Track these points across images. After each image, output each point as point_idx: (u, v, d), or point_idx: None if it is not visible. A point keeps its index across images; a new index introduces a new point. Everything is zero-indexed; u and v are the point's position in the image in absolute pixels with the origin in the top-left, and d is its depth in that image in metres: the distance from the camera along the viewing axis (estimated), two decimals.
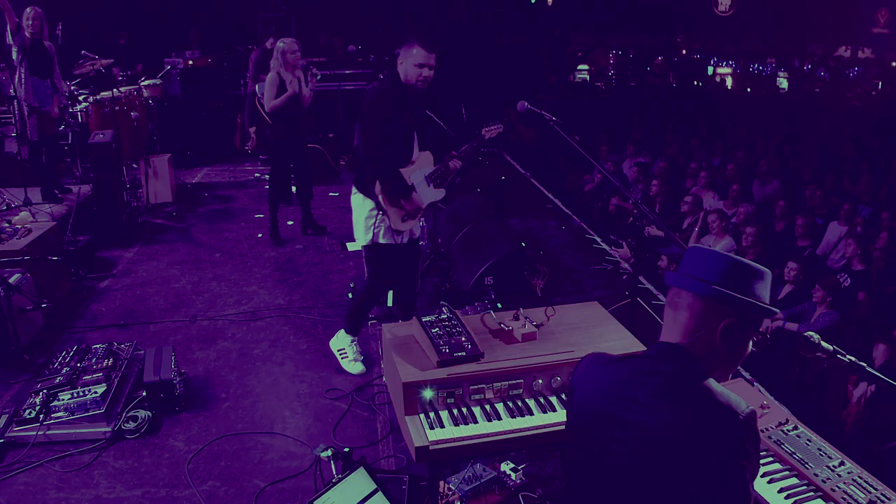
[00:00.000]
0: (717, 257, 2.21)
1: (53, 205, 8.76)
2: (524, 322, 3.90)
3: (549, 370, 3.65)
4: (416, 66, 5.06)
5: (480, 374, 3.59)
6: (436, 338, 3.66)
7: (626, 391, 2.18)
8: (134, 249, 8.59)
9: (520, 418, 3.55)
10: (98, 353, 5.62)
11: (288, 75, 8.32)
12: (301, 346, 6.17)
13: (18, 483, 4.60)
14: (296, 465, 4.72)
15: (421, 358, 3.65)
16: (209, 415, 5.25)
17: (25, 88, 8.54)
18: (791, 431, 3.30)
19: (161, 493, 4.46)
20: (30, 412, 5.03)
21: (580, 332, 3.93)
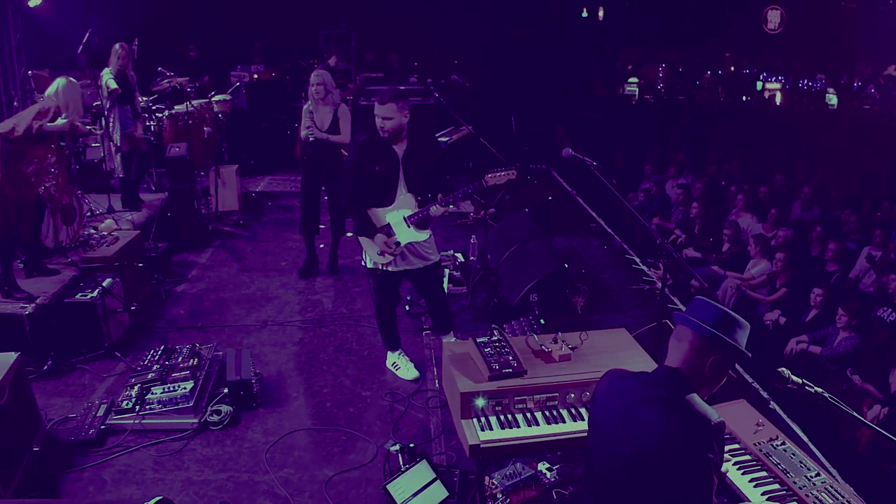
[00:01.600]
0: (715, 308, 2.92)
1: (134, 213, 9.51)
2: (561, 345, 4.58)
3: (581, 386, 4.35)
4: (375, 117, 5.73)
5: (523, 387, 4.30)
6: (488, 356, 4.36)
7: (634, 397, 2.90)
8: (206, 255, 9.32)
9: (555, 425, 4.25)
10: (183, 353, 6.33)
11: (322, 108, 8.04)
12: (363, 353, 6.82)
13: (119, 464, 5.31)
14: (359, 458, 5.36)
15: (475, 372, 4.35)
16: (282, 411, 5.92)
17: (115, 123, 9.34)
18: (779, 446, 3.91)
19: (243, 478, 5.13)
20: (126, 403, 5.74)
21: (608, 355, 4.59)
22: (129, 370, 6.49)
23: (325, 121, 7.99)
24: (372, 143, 5.82)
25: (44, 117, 6.86)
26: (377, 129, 5.73)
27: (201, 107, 11.29)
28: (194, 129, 10.95)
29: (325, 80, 7.96)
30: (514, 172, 5.80)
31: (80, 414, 5.85)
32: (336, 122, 8.01)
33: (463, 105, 13.53)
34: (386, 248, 5.86)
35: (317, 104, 8.00)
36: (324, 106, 8.00)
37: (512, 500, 4.73)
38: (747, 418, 4.17)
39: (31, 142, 6.84)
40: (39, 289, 7.01)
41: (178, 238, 9.45)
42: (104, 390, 6.29)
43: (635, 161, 14.16)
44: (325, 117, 8.00)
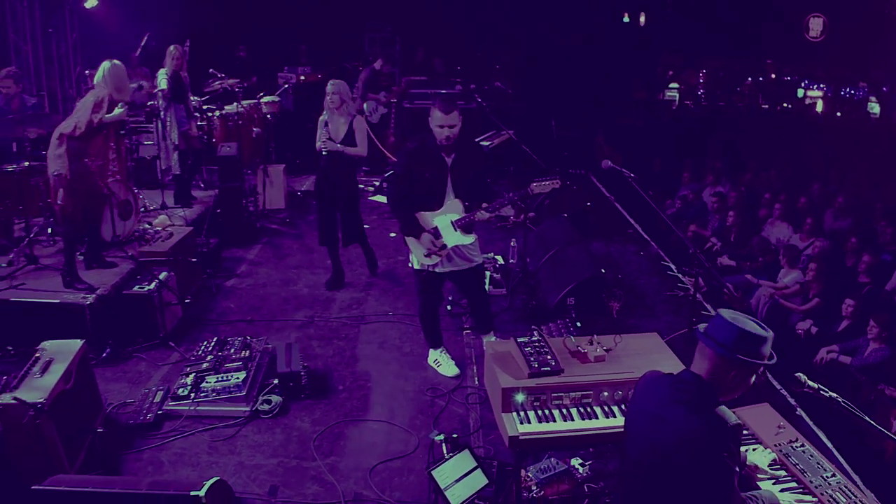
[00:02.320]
0: (733, 328, 3.11)
1: (186, 209, 9.89)
2: (596, 346, 4.87)
3: (614, 386, 4.65)
4: (437, 126, 5.93)
5: (560, 385, 4.60)
6: (528, 355, 4.66)
7: (662, 398, 3.16)
8: (254, 252, 9.67)
9: (588, 420, 4.54)
10: (236, 345, 6.67)
11: (336, 118, 7.95)
12: (405, 349, 7.11)
13: (175, 447, 5.64)
14: (401, 449, 5.65)
15: (515, 369, 4.65)
16: (329, 402, 6.23)
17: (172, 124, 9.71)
18: (798, 448, 4.15)
19: (293, 464, 5.44)
20: (182, 390, 6.08)
21: (640, 358, 4.87)
22: (182, 359, 6.85)
23: (339, 132, 7.93)
24: (422, 150, 6.07)
25: (100, 109, 7.10)
26: (436, 136, 5.94)
27: (250, 107, 11.63)
28: (244, 129, 11.30)
29: (341, 89, 7.88)
30: (557, 182, 6.12)
31: (137, 399, 6.20)
32: (351, 134, 7.92)
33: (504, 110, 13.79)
34: (433, 249, 6.13)
35: (331, 114, 7.94)
36: (339, 116, 7.92)
37: (546, 492, 4.98)
38: (769, 421, 4.41)
39: (93, 136, 7.17)
40: (99, 280, 7.38)
41: (227, 234, 9.81)
42: (160, 378, 6.64)
43: (674, 167, 14.31)
44: (339, 128, 7.93)
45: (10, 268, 7.63)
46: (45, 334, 6.71)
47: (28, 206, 8.13)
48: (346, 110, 7.92)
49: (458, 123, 5.90)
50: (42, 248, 8.19)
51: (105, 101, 7.16)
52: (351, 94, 8.12)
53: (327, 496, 5.15)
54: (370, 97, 13.13)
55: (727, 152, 15.43)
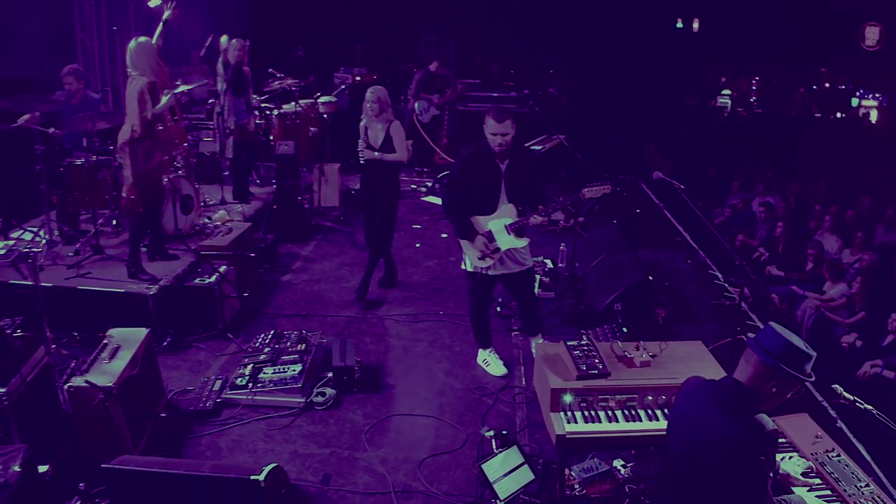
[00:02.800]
0: (782, 339, 3.27)
1: (244, 205, 10.18)
2: (642, 352, 5.07)
3: (657, 390, 4.86)
4: (490, 134, 6.11)
5: (607, 387, 4.82)
6: (576, 358, 4.87)
7: (703, 401, 3.31)
8: (309, 248, 9.93)
9: (632, 423, 4.76)
10: (292, 339, 6.90)
11: (375, 124, 7.95)
12: (455, 349, 7.30)
13: (233, 434, 5.90)
14: (449, 444, 5.85)
15: (564, 371, 4.86)
16: (381, 397, 6.45)
17: (228, 109, 9.97)
18: (834, 457, 4.28)
19: (345, 454, 5.67)
20: (240, 380, 6.33)
21: (683, 365, 5.05)
22: (240, 350, 7.12)
23: (377, 138, 7.94)
24: (476, 156, 6.26)
25: (145, 101, 7.17)
26: (490, 143, 6.12)
27: (307, 107, 11.89)
28: (301, 128, 11.56)
29: (380, 96, 7.87)
30: (608, 187, 6.28)
31: (197, 387, 6.48)
32: (389, 140, 7.91)
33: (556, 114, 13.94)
34: (486, 252, 6.31)
35: (370, 120, 7.95)
36: (377, 122, 7.92)
37: (588, 491, 5.16)
38: (807, 430, 4.54)
39: (153, 131, 7.36)
40: (161, 272, 7.68)
41: (283, 231, 10.08)
42: (218, 367, 6.91)
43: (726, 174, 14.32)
44: (377, 134, 7.93)
45: (76, 257, 7.96)
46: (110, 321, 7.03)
47: (95, 199, 8.43)
48: (385, 117, 7.92)
49: (511, 132, 6.08)
50: (107, 238, 8.50)
51: (146, 90, 7.20)
52: (390, 101, 8.08)
53: (378, 486, 5.36)
54: (422, 96, 13.31)
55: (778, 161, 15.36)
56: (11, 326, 5.36)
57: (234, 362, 6.90)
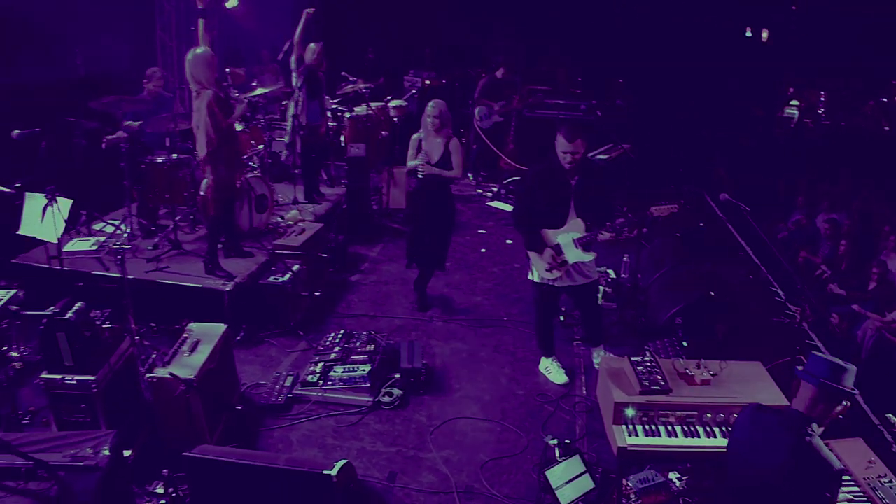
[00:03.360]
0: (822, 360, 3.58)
1: (314, 205, 10.46)
2: (703, 370, 5.25)
3: (716, 409, 5.04)
4: (561, 152, 6.28)
5: (667, 403, 5.02)
6: (640, 374, 5.07)
7: (769, 433, 3.51)
8: (377, 249, 10.17)
9: (691, 438, 4.96)
10: (361, 339, 7.15)
11: (433, 139, 7.75)
12: (518, 355, 7.46)
13: (303, 429, 6.16)
14: (511, 448, 6.02)
15: (627, 386, 5.07)
16: (445, 399, 6.65)
17: (303, 109, 10.25)
18: (886, 483, 4.41)
19: (410, 453, 5.89)
20: (311, 377, 6.59)
21: (742, 385, 5.23)
22: (310, 348, 7.38)
23: (435, 153, 7.76)
24: (547, 171, 6.44)
25: (214, 113, 7.35)
26: (560, 159, 6.29)
27: (378, 109, 12.14)
28: (372, 131, 11.82)
29: (442, 110, 7.71)
30: (676, 207, 6.44)
31: (269, 382, 6.75)
32: (448, 155, 7.75)
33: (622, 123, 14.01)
34: (554, 265, 6.48)
35: (429, 135, 7.77)
36: (437, 137, 7.75)
37: (643, 501, 5.29)
38: (861, 455, 4.66)
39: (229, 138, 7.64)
40: (237, 269, 7.99)
41: (352, 231, 10.34)
42: (289, 363, 7.19)
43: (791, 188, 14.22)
44: (435, 149, 7.75)
45: (155, 251, 8.29)
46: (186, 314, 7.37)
47: (174, 195, 8.78)
48: (445, 131, 7.77)
49: (581, 151, 6.26)
50: (184, 234, 8.84)
51: (213, 102, 7.35)
52: (451, 116, 7.89)
53: (441, 486, 5.57)
54: (483, 102, 13.38)
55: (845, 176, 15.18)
56: (101, 318, 5.65)
57: (304, 359, 7.18)
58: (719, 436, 4.89)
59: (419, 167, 7.75)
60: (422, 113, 7.88)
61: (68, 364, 5.40)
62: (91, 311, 5.61)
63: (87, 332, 5.43)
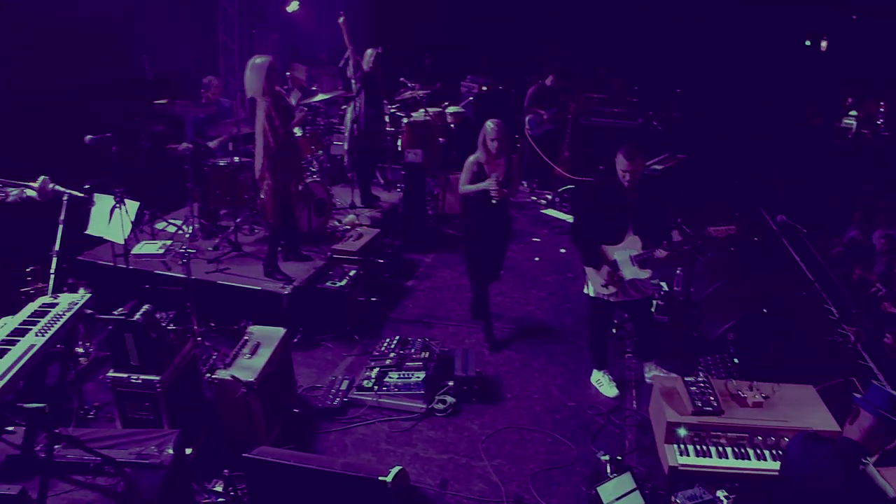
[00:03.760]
0: (886, 394, 3.57)
1: (371, 210, 10.61)
2: (755, 392, 5.34)
3: (767, 432, 5.14)
4: (620, 170, 6.31)
5: (719, 425, 5.13)
6: (693, 394, 5.16)
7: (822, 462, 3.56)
8: (431, 255, 10.29)
9: (741, 460, 5.07)
10: (416, 345, 7.27)
11: (495, 162, 7.36)
12: (570, 366, 7.52)
13: (357, 433, 6.30)
14: (561, 460, 6.08)
15: (680, 406, 5.17)
16: (497, 408, 6.74)
17: (361, 115, 10.40)
18: None
19: (462, 461, 5.99)
20: (367, 382, 6.72)
21: (794, 409, 5.32)
22: (365, 353, 7.52)
23: (499, 174, 7.29)
24: (606, 187, 6.52)
25: (272, 120, 7.54)
26: (619, 176, 6.34)
27: (435, 115, 12.26)
28: (429, 137, 11.95)
29: (502, 132, 7.29)
30: (734, 229, 6.43)
31: (325, 385, 6.91)
32: (510, 175, 7.45)
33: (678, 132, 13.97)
34: (610, 281, 6.54)
35: (490, 157, 7.36)
36: (497, 159, 7.39)
37: None
38: None
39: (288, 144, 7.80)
40: (295, 272, 8.15)
41: (408, 237, 10.50)
42: (344, 367, 7.34)
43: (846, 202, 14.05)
44: (499, 171, 7.29)
45: (216, 252, 8.50)
46: (244, 315, 7.60)
47: (235, 198, 9.00)
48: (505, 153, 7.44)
49: (640, 170, 6.31)
50: (243, 236, 9.04)
51: (271, 108, 7.52)
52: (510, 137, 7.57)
53: (491, 495, 5.65)
54: (534, 110, 13.40)
55: None
56: (166, 320, 5.84)
57: (359, 363, 7.33)
58: (769, 459, 4.96)
59: (493, 192, 7.22)
60: (479, 118, 7.85)
61: (134, 364, 5.60)
62: (157, 312, 5.80)
63: (153, 333, 5.62)
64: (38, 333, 4.08)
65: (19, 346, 3.93)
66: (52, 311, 4.36)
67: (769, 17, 18.05)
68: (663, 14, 17.22)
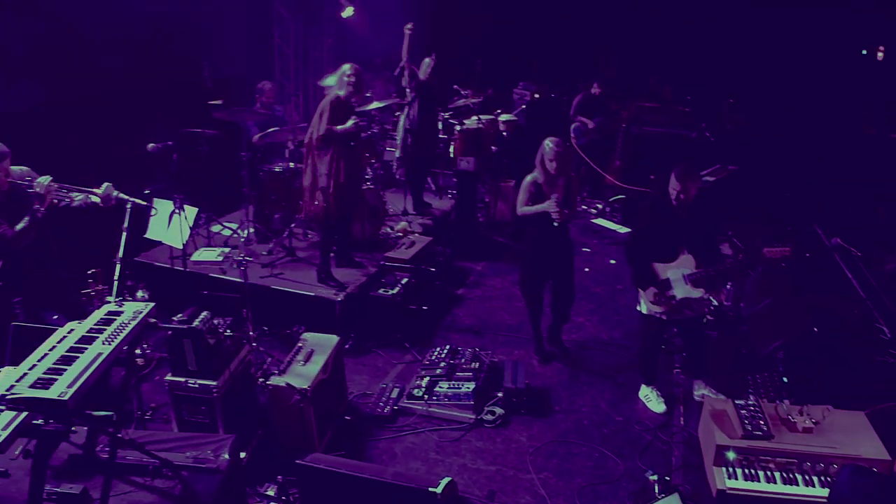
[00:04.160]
0: None
1: (422, 217, 10.72)
2: (806, 418, 5.35)
3: (816, 458, 5.15)
4: (673, 189, 6.33)
5: (769, 449, 5.17)
6: (743, 417, 5.20)
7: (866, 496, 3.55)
8: (482, 264, 10.35)
9: (789, 486, 5.10)
10: (466, 356, 7.35)
11: (554, 181, 7.15)
12: (619, 380, 7.54)
13: (407, 441, 6.40)
14: (608, 475, 6.11)
15: (730, 428, 5.23)
16: (545, 421, 6.80)
17: (415, 124, 10.51)
18: None
19: (509, 473, 6.05)
20: (417, 391, 6.82)
21: (843, 436, 5.30)
22: (415, 361, 7.63)
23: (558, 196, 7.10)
24: (659, 206, 6.54)
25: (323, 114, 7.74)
26: (671, 196, 6.37)
27: (488, 123, 12.31)
28: (481, 145, 12.00)
29: (560, 153, 7.05)
30: (788, 250, 6.49)
31: (376, 392, 7.03)
32: (570, 196, 7.24)
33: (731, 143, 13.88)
34: (663, 300, 6.57)
35: (549, 178, 7.16)
36: (556, 179, 7.19)
37: None
38: None
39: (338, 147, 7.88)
40: (347, 279, 8.29)
41: (459, 245, 10.59)
42: (395, 375, 7.45)
43: None
44: (558, 191, 7.13)
45: (270, 256, 8.68)
46: (297, 320, 7.74)
47: (289, 204, 9.14)
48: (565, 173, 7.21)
49: (693, 193, 6.31)
50: (297, 241, 9.20)
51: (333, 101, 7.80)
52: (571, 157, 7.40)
53: None
54: (578, 119, 13.35)
55: None
56: (224, 327, 5.99)
57: (409, 371, 7.44)
58: (818, 485, 4.99)
59: (554, 215, 7.05)
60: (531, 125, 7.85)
61: (192, 369, 5.76)
62: (215, 318, 5.96)
63: (211, 339, 5.77)
64: (104, 342, 4.22)
65: (87, 353, 4.08)
66: (118, 319, 4.50)
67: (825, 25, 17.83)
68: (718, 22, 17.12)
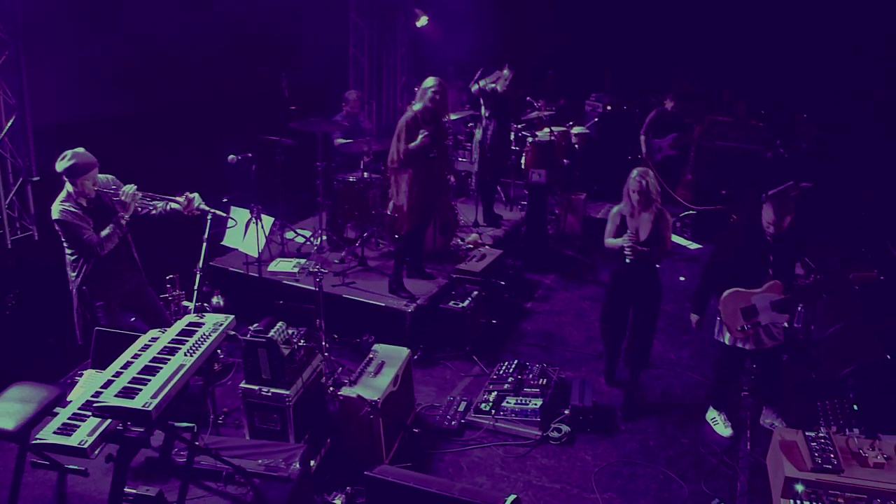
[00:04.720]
0: None
1: (493, 229, 10.80)
2: (878, 452, 5.27)
3: (887, 495, 5.08)
4: (766, 221, 6.27)
5: (838, 483, 5.13)
6: (813, 449, 5.16)
7: None
8: (551, 277, 10.38)
9: None
10: (534, 371, 7.41)
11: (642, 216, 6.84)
12: (686, 401, 7.52)
13: (473, 455, 6.49)
14: (672, 498, 6.12)
15: (799, 461, 5.19)
16: (611, 440, 6.82)
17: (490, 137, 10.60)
18: None
19: (573, 492, 6.10)
20: (484, 405, 6.90)
21: None
22: (482, 374, 7.72)
23: (643, 229, 6.83)
24: (748, 231, 6.51)
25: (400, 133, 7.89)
26: (764, 223, 6.31)
27: (560, 135, 12.33)
28: (553, 157, 12.04)
29: (648, 183, 6.73)
30: (874, 275, 6.42)
31: (443, 405, 7.13)
32: (658, 232, 6.87)
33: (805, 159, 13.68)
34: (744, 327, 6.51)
35: (633, 211, 6.86)
36: (643, 212, 6.85)
37: None
38: None
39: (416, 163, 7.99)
40: (418, 290, 8.42)
41: (528, 258, 10.65)
42: (462, 388, 7.55)
43: None
44: (643, 225, 6.84)
45: (341, 265, 8.84)
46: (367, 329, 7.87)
47: (363, 213, 9.31)
48: (654, 206, 6.83)
49: (786, 225, 6.25)
50: (369, 250, 9.35)
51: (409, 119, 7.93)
52: (660, 189, 6.90)
53: None
54: (652, 139, 13.20)
55: None
56: (298, 336, 6.15)
57: (477, 384, 7.53)
58: None
59: (626, 250, 6.76)
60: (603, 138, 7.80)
61: (266, 377, 5.93)
62: (289, 328, 6.13)
63: (285, 349, 5.93)
64: (186, 353, 4.40)
65: (170, 364, 4.26)
66: (199, 330, 4.68)
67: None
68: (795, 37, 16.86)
